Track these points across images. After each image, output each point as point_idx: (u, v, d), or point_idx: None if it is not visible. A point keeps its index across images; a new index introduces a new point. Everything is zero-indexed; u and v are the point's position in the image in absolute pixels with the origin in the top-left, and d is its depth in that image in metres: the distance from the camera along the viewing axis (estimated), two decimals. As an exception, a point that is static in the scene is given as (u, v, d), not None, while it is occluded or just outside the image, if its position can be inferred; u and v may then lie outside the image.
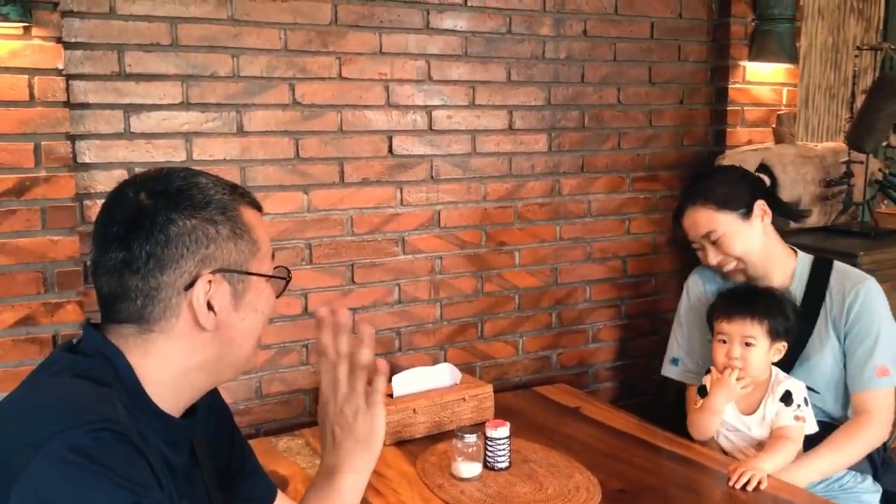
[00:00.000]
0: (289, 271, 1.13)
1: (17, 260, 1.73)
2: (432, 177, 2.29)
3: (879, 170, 2.52)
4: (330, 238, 2.17)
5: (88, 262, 1.05)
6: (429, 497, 1.66)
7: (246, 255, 1.04)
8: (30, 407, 0.94)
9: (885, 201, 2.63)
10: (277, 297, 1.12)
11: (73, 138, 1.82)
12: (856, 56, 2.87)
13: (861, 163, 2.44)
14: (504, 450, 1.76)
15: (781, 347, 1.83)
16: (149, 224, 0.98)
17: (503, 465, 1.76)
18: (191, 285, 0.99)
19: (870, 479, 1.91)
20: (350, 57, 2.12)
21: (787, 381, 1.81)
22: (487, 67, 2.32)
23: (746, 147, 2.58)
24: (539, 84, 2.42)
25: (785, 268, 1.97)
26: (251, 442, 1.94)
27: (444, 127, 2.28)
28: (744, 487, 1.66)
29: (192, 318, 1.01)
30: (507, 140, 2.39)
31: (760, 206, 1.94)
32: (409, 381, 2.02)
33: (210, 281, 1.00)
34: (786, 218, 2.10)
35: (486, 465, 1.76)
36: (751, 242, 1.92)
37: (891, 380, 1.84)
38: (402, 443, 1.93)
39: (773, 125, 2.65)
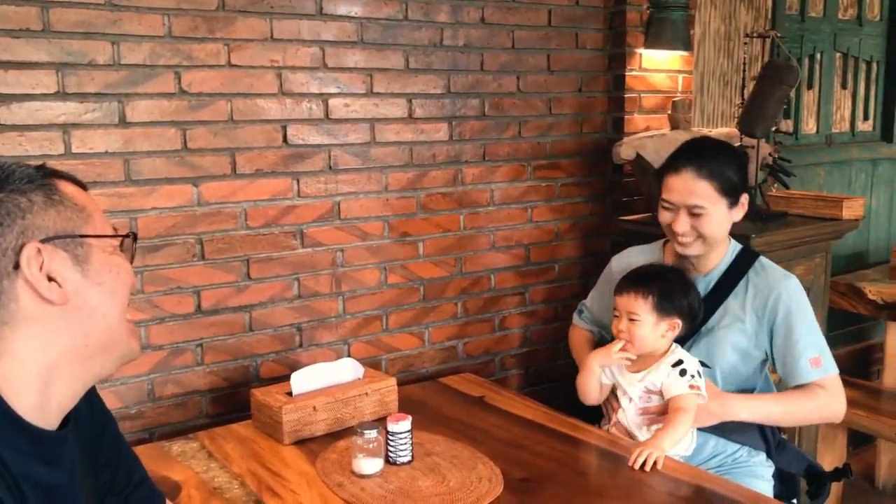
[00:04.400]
0: (134, 233, 1.09)
1: None
2: (330, 167, 2.23)
3: (770, 154, 2.60)
4: (223, 232, 2.08)
5: None
6: (328, 496, 1.62)
7: (75, 221, 0.99)
8: None
9: (776, 185, 2.72)
10: (131, 261, 1.07)
11: (-67, 131, 1.69)
12: (745, 44, 2.96)
13: (752, 147, 2.50)
14: (406, 444, 1.73)
15: (675, 324, 1.85)
16: None
17: (405, 460, 1.73)
18: (18, 262, 0.93)
19: (763, 455, 1.97)
20: (239, 44, 2.04)
21: (677, 352, 1.86)
22: (385, 55, 2.28)
23: (644, 133, 2.62)
24: (438, 72, 2.38)
25: (719, 253, 1.98)
26: (143, 447, 1.88)
27: (341, 116, 2.22)
28: (642, 467, 1.68)
29: (35, 296, 0.94)
30: (408, 129, 2.35)
31: (744, 199, 1.93)
32: (309, 379, 1.97)
33: (39, 250, 0.94)
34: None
35: (387, 461, 1.73)
36: (722, 229, 1.93)
37: (825, 369, 1.89)
38: (301, 441, 1.87)
39: (669, 111, 2.69)
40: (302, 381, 1.95)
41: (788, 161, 2.64)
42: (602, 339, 2.19)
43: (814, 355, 1.89)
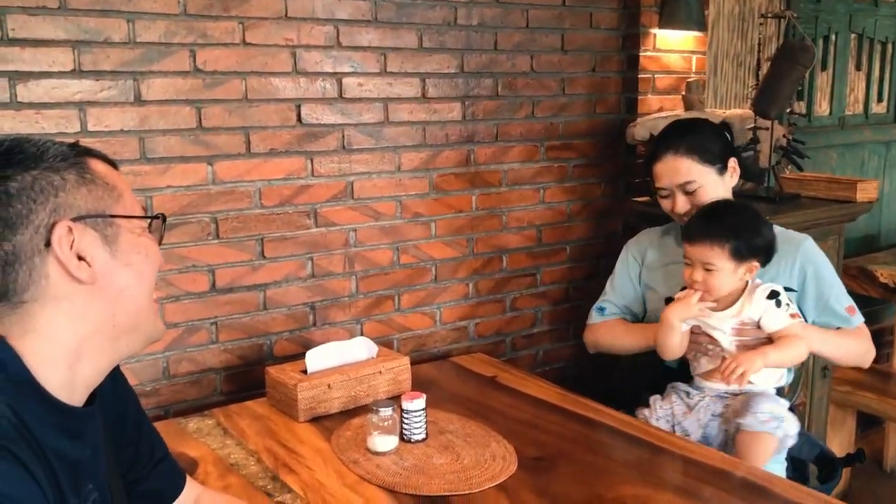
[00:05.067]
0: (163, 214, 1.10)
1: None
2: (344, 147, 2.23)
3: (784, 136, 2.58)
4: (237, 211, 2.09)
5: None
6: (344, 472, 1.63)
7: (106, 200, 0.99)
8: None
9: (789, 167, 2.70)
10: (160, 242, 1.08)
11: (-49, 108, 1.70)
12: (760, 24, 2.93)
13: (766, 129, 2.50)
14: (420, 422, 1.74)
15: (753, 266, 1.81)
16: None
17: (420, 438, 1.75)
18: (49, 240, 0.93)
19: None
20: (254, 22, 2.03)
21: (764, 284, 1.81)
22: (399, 34, 2.27)
23: (658, 114, 2.61)
24: (452, 51, 2.37)
25: None
26: (159, 424, 1.88)
27: (355, 95, 2.22)
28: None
29: (65, 274, 0.95)
30: (421, 108, 2.35)
31: (733, 163, 2.01)
32: (324, 357, 1.98)
33: (70, 229, 0.94)
34: (745, 178, 2.17)
35: (402, 438, 1.74)
36: (719, 196, 1.97)
37: (858, 317, 1.97)
38: (316, 419, 1.89)
39: (683, 93, 2.68)
40: (316, 359, 1.96)
41: (802, 143, 2.63)
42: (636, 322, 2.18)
43: (848, 304, 1.96)
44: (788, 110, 2.63)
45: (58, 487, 0.90)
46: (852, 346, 1.97)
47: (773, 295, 1.79)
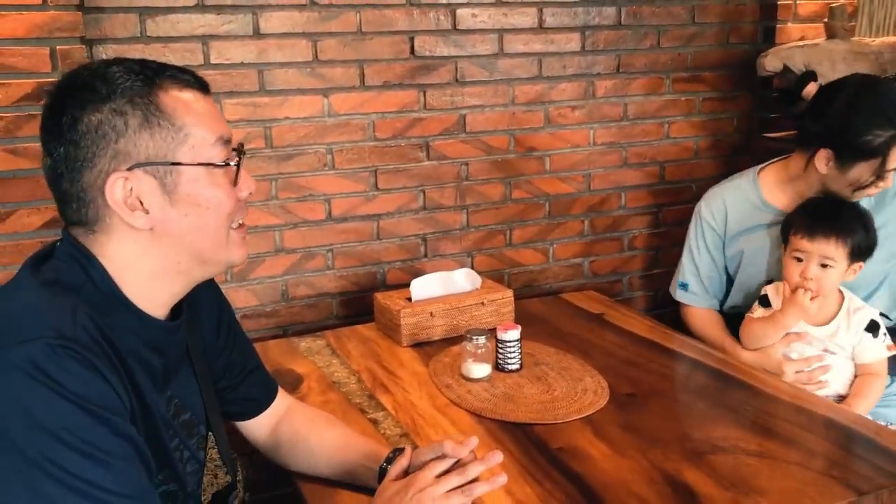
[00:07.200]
0: (238, 152, 1.03)
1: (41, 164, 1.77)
2: (457, 79, 2.23)
3: (944, 67, 2.33)
4: (352, 143, 2.15)
5: None
6: (435, 395, 1.68)
7: (169, 144, 0.97)
8: None
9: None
10: (236, 184, 1.04)
11: (89, 42, 1.84)
12: (928, -59, 2.63)
13: (922, 58, 2.26)
14: (514, 352, 1.76)
15: (857, 268, 1.76)
16: (56, 126, 0.96)
17: (513, 368, 1.76)
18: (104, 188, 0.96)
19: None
20: (367, -46, 2.06)
21: (865, 309, 1.76)
22: (515, -38, 2.22)
23: (794, 43, 2.42)
24: (571, -21, 2.30)
25: None
26: (274, 341, 2.02)
27: (468, 26, 2.21)
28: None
29: (121, 220, 0.98)
30: (537, 39, 2.30)
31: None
32: (428, 286, 2.02)
33: (126, 178, 0.96)
34: None
35: (496, 367, 1.77)
36: None
37: None
38: (418, 345, 1.95)
39: (826, 20, 2.47)
40: (421, 287, 2.01)
41: (967, 74, 2.36)
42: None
43: None
44: (952, 37, 2.37)
45: (138, 395, 0.97)
46: None
47: (873, 326, 1.74)
